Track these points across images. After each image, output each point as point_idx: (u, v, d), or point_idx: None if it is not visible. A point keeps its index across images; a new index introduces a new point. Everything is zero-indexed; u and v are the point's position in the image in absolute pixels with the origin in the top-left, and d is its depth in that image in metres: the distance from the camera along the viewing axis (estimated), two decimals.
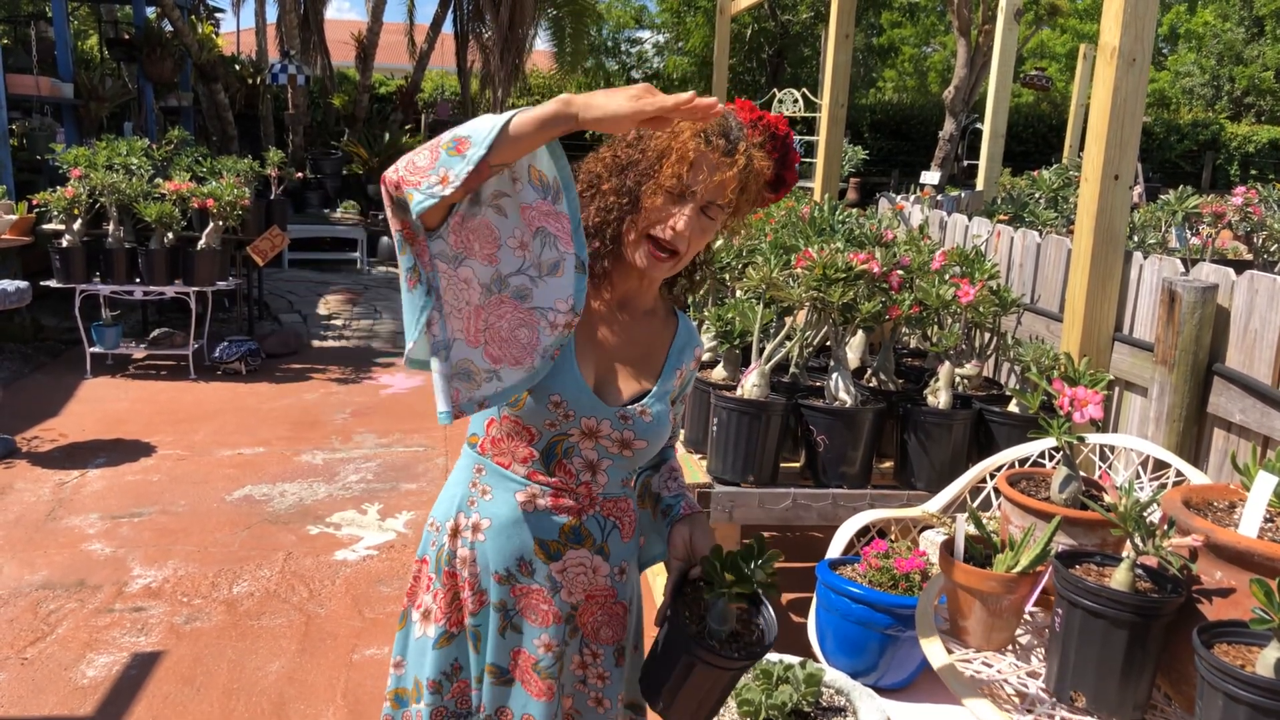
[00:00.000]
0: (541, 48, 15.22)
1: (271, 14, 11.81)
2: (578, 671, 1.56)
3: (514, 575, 1.49)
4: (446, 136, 1.23)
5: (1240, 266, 3.15)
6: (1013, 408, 2.82)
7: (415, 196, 1.22)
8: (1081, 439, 1.90)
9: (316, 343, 7.72)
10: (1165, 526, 1.57)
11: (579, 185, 1.47)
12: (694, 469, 2.87)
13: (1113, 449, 2.58)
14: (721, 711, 1.51)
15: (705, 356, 3.29)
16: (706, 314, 3.12)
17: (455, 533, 1.52)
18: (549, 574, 1.49)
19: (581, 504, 1.49)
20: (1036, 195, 6.51)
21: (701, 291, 1.84)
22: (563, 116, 1.19)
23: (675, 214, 1.41)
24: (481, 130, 1.20)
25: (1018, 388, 3.01)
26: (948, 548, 1.81)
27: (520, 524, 1.48)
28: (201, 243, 6.31)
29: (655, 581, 3.13)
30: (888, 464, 3.00)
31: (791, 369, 3.05)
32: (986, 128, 7.20)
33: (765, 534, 4.10)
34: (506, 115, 1.20)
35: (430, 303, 1.31)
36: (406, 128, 12.77)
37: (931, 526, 2.53)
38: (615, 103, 1.17)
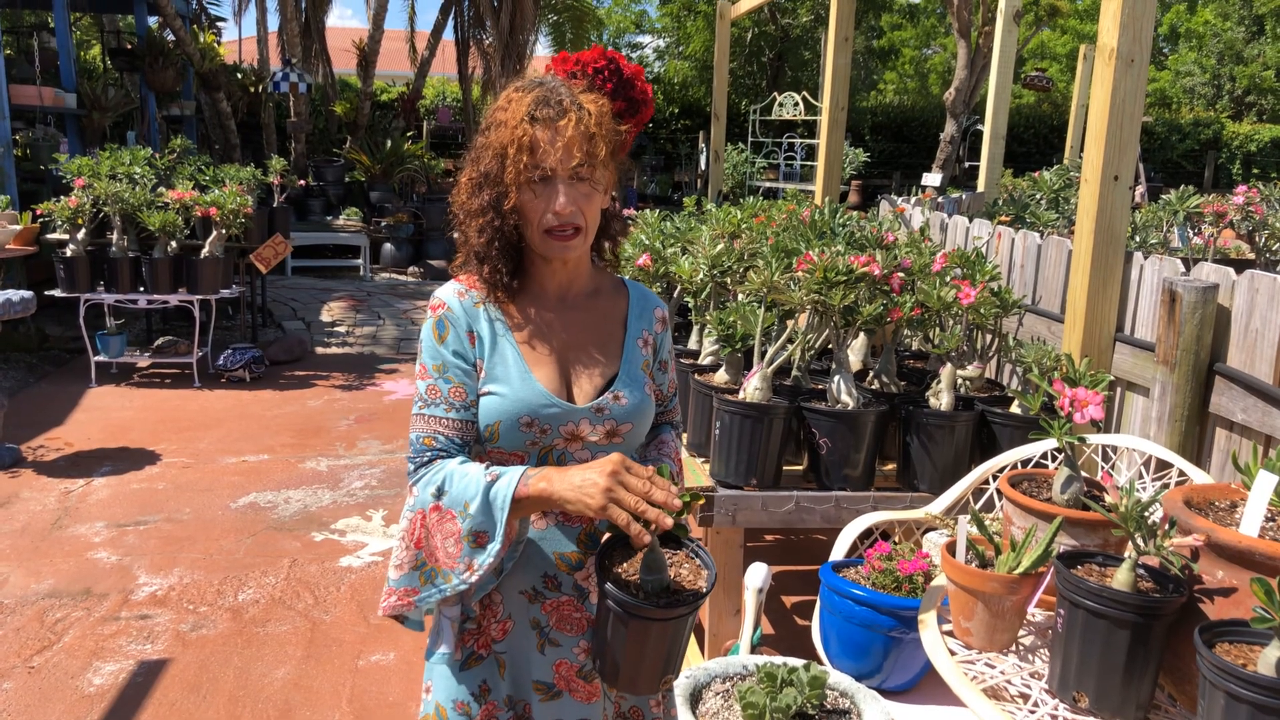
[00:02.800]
0: (542, 53, 15.27)
1: (273, 23, 11.86)
2: None
3: (541, 592, 1.50)
4: (465, 524, 1.38)
5: (1243, 266, 3.15)
6: (1015, 409, 2.83)
7: (452, 579, 1.42)
8: (1083, 440, 1.90)
9: (320, 350, 7.73)
10: (1166, 526, 1.57)
11: (458, 219, 1.52)
12: (697, 472, 2.87)
13: (1115, 449, 2.58)
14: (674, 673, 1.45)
15: (706, 360, 3.29)
16: (708, 318, 3.13)
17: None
18: (575, 583, 1.50)
19: None
20: (1038, 196, 6.51)
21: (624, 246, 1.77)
22: (548, 504, 1.35)
23: (549, 198, 1.42)
24: (493, 523, 1.36)
25: (1019, 389, 3.01)
26: (950, 549, 1.81)
27: (538, 544, 1.49)
28: (205, 251, 6.33)
29: None
30: (890, 466, 3.01)
31: (794, 372, 3.06)
32: (987, 129, 7.20)
33: (768, 537, 4.11)
34: (504, 504, 1.35)
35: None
36: (408, 134, 12.80)
37: (935, 528, 2.53)
38: (589, 496, 1.29)
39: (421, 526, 1.43)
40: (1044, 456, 2.52)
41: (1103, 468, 2.58)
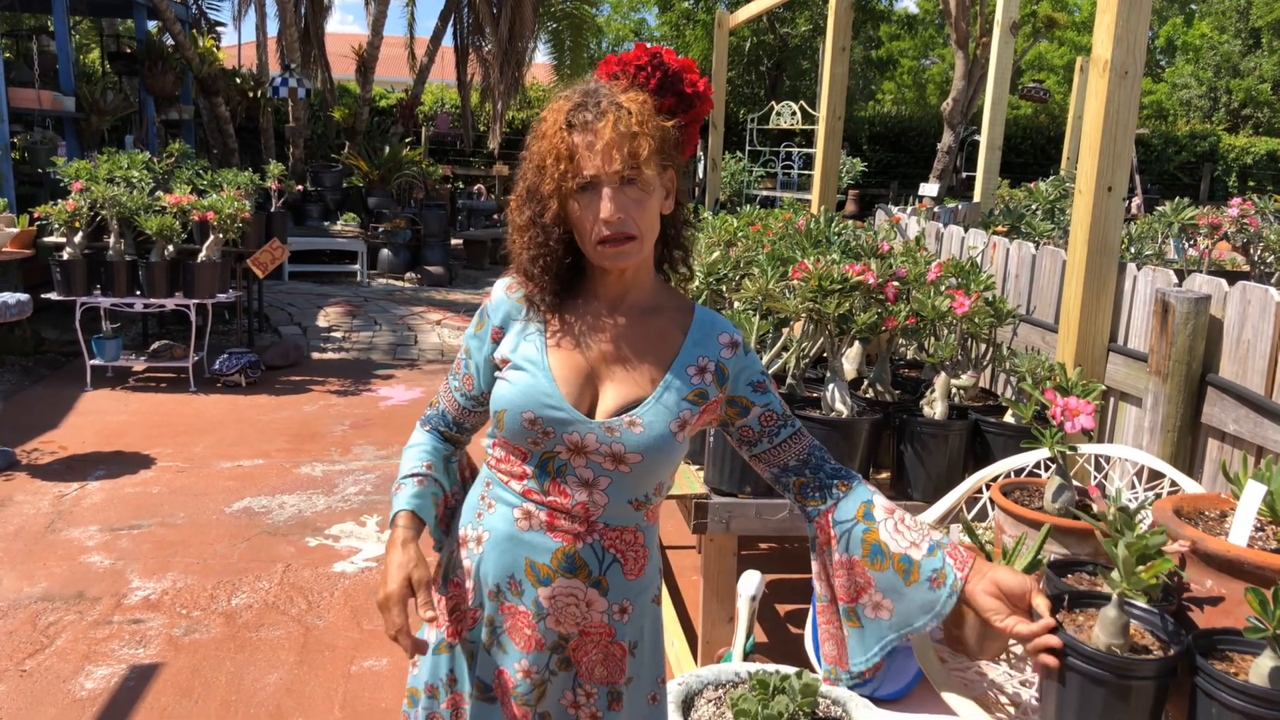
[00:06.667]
0: (541, 60, 15.28)
1: (272, 28, 11.85)
2: (570, 711, 1.50)
3: (504, 592, 1.47)
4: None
5: (1238, 278, 3.16)
6: (1008, 418, 2.83)
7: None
8: (1075, 449, 1.91)
9: (316, 355, 7.73)
10: None
11: (508, 234, 1.51)
12: (691, 479, 2.87)
13: (1108, 459, 2.59)
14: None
15: None
16: None
17: (464, 543, 1.53)
18: (536, 598, 1.44)
19: (578, 528, 1.43)
20: (1033, 207, 6.52)
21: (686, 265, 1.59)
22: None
23: (595, 207, 1.36)
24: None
25: (1013, 398, 3.02)
26: None
27: (514, 540, 1.45)
28: (202, 255, 6.33)
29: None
30: (884, 475, 3.01)
31: (788, 380, 3.06)
32: (983, 140, 7.22)
33: (762, 545, 4.11)
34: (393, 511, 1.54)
35: None
36: (406, 140, 12.81)
37: None
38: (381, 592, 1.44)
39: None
40: (1038, 466, 2.53)
41: (1095, 477, 2.58)
